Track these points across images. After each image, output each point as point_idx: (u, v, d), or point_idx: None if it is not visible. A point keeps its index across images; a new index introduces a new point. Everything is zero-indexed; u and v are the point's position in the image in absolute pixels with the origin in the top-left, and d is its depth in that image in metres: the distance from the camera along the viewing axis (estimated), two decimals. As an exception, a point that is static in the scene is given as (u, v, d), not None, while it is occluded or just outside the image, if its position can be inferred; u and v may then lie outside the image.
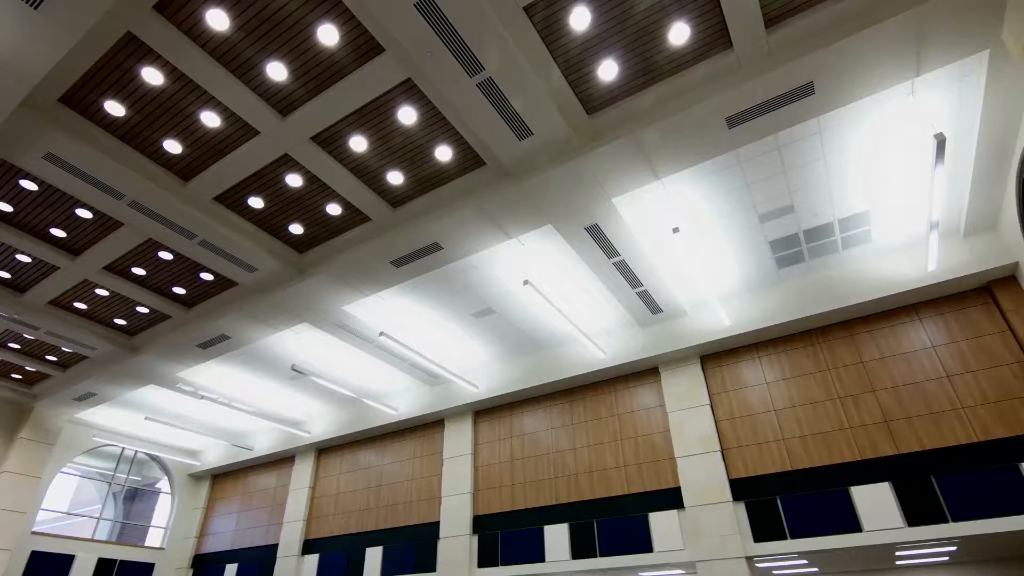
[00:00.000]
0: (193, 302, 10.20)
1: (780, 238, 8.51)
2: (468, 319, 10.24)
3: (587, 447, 10.68)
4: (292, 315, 9.84)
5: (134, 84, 6.29)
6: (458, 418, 12.55)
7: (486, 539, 11.01)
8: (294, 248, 8.93)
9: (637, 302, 9.55)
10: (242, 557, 14.81)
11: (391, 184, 7.70)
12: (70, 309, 10.44)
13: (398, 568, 11.88)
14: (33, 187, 7.62)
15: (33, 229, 8.49)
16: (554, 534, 10.24)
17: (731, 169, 7.29)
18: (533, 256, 8.59)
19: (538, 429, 11.46)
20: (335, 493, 13.99)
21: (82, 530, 15.89)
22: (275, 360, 11.62)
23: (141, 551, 15.55)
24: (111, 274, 9.38)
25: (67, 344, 11.24)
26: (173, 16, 5.64)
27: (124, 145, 7.05)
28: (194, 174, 7.51)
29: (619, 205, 7.56)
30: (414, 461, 13.01)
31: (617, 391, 10.82)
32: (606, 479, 10.20)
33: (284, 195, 7.84)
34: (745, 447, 9.12)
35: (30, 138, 6.67)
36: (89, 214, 8.07)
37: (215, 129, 6.85)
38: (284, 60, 6.05)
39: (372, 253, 8.35)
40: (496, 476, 11.55)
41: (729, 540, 8.52)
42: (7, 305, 9.95)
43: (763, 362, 9.60)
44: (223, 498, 16.55)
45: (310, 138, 6.94)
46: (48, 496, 14.38)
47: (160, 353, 11.04)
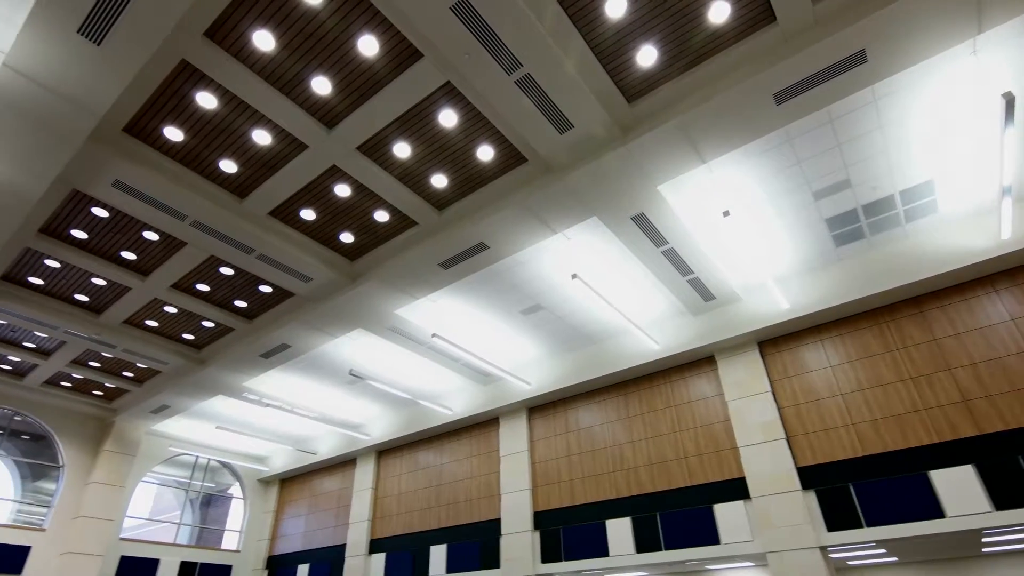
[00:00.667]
0: (254, 314, 10.65)
1: (837, 215, 8.16)
2: (517, 316, 10.28)
3: (645, 439, 10.54)
4: (347, 322, 10.13)
5: (190, 109, 6.61)
6: (512, 415, 12.62)
7: (548, 535, 11.03)
8: (346, 256, 9.18)
9: (688, 290, 9.36)
10: (313, 557, 15.36)
11: (435, 187, 7.82)
12: (143, 327, 11.08)
13: (463, 565, 12.05)
14: (104, 214, 8.13)
15: (106, 253, 9.05)
16: (616, 528, 10.16)
17: (781, 147, 7.04)
18: (580, 250, 8.55)
19: (593, 423, 11.39)
20: (397, 493, 14.32)
21: (163, 535, 16.85)
22: (333, 366, 11.99)
23: (219, 554, 16.35)
24: (178, 291, 9.90)
25: (141, 360, 11.94)
26: (223, 40, 5.89)
27: (184, 168, 7.43)
28: (249, 191, 7.83)
29: (665, 192, 7.43)
30: (472, 459, 13.17)
31: (672, 382, 10.64)
32: (667, 471, 10.04)
33: (334, 205, 8.07)
34: (812, 434, 8.80)
35: (99, 168, 7.11)
36: (156, 236, 8.54)
37: (266, 146, 7.12)
38: (328, 74, 6.24)
39: (420, 257, 8.50)
40: (554, 472, 11.55)
41: (801, 530, 8.24)
42: (87, 326, 10.65)
43: (826, 345, 9.23)
44: (291, 501, 17.20)
45: (356, 148, 7.13)
46: (131, 504, 15.30)
47: (226, 364, 11.56)
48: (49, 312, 10.18)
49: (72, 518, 13.79)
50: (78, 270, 9.32)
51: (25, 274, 9.51)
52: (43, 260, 9.10)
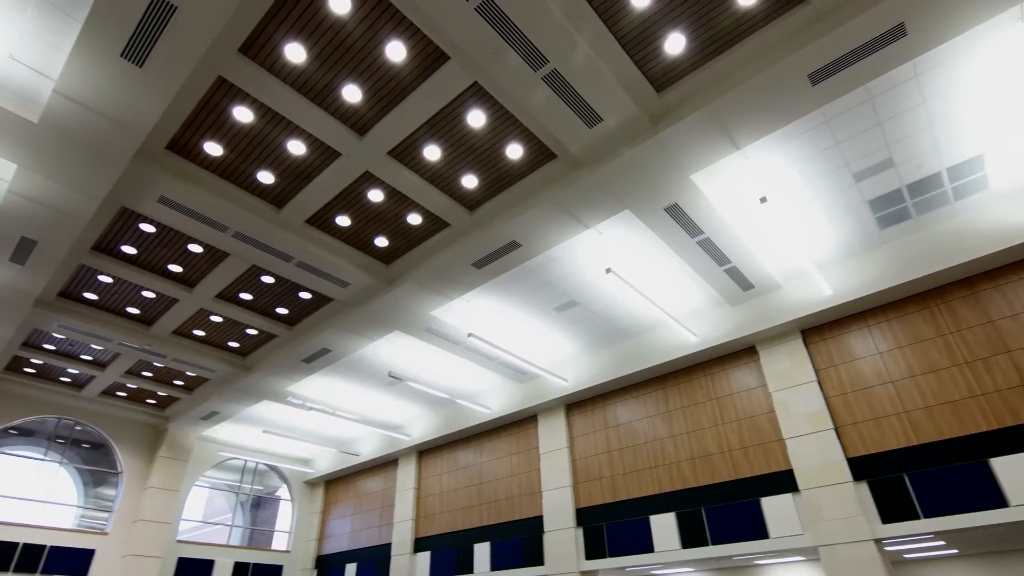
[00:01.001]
0: (295, 320, 10.93)
1: (880, 196, 7.88)
2: (552, 314, 10.26)
3: (686, 434, 10.40)
4: (384, 324, 10.29)
5: (228, 124, 6.83)
6: (550, 413, 12.61)
7: (591, 531, 10.99)
8: (381, 260, 9.34)
9: (726, 280, 9.18)
10: (360, 557, 15.68)
11: (466, 188, 7.88)
12: (191, 336, 11.50)
13: (507, 563, 12.12)
14: (151, 229, 8.46)
15: (154, 267, 9.42)
16: (661, 524, 10.05)
17: (818, 129, 6.84)
18: (613, 244, 8.48)
19: (633, 418, 11.29)
20: (439, 492, 14.49)
21: (217, 537, 17.47)
22: (373, 368, 12.20)
23: (270, 554, 16.85)
24: (223, 301, 10.24)
25: (191, 368, 12.39)
26: (256, 55, 6.07)
27: (224, 181, 7.67)
28: (286, 201, 8.04)
29: (698, 181, 7.31)
30: (511, 457, 13.22)
31: (712, 374, 10.45)
32: (710, 465, 9.88)
33: (368, 211, 8.22)
34: (862, 423, 8.52)
35: (145, 185, 7.41)
36: (200, 248, 8.85)
37: (301, 156, 7.30)
38: (358, 82, 6.35)
39: (453, 257, 8.57)
40: (595, 468, 11.50)
41: (853, 523, 8.00)
42: (139, 338, 11.11)
43: (873, 331, 8.93)
44: (337, 502, 17.59)
45: (387, 153, 7.24)
46: (186, 507, 15.90)
47: (270, 370, 11.90)
48: (104, 325, 10.67)
49: (132, 522, 14.42)
50: (129, 284, 9.73)
51: (81, 290, 9.98)
52: (96, 276, 9.54)
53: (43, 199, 7.27)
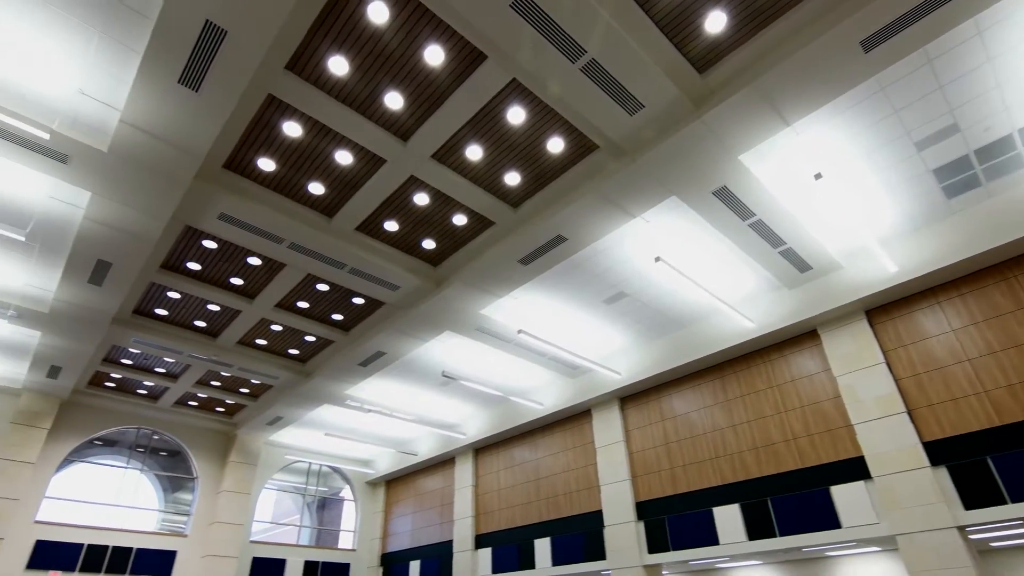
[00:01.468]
0: (350, 326, 11.25)
1: (946, 164, 7.44)
2: (601, 306, 10.18)
3: (747, 423, 10.12)
4: (435, 325, 10.47)
5: (279, 139, 7.10)
6: (604, 406, 12.52)
7: (653, 524, 10.86)
8: (429, 263, 9.50)
9: (781, 262, 8.87)
10: (423, 554, 16.01)
11: (509, 185, 7.91)
12: (254, 346, 12.02)
13: (568, 558, 12.12)
14: (213, 245, 8.90)
15: (217, 281, 9.90)
16: (725, 515, 9.83)
17: (873, 98, 6.52)
18: (661, 232, 8.34)
19: (690, 409, 11.07)
20: (497, 489, 14.62)
21: (286, 537, 18.19)
22: (426, 369, 12.43)
23: (337, 553, 17.43)
24: (282, 310, 10.65)
25: (255, 376, 12.96)
26: (302, 71, 6.28)
27: (277, 195, 7.98)
28: (336, 210, 8.29)
29: (748, 162, 7.09)
30: (567, 453, 13.20)
31: (772, 360, 10.13)
32: (775, 454, 9.58)
33: (414, 214, 8.38)
34: (937, 405, 8.08)
35: (206, 204, 7.80)
36: (258, 261, 9.23)
37: (349, 165, 7.51)
38: (399, 88, 6.48)
39: (500, 255, 8.63)
40: (653, 461, 11.35)
41: (933, 510, 7.59)
42: (206, 349, 11.70)
43: (945, 308, 8.44)
44: (398, 501, 18.02)
45: (431, 156, 7.36)
46: (257, 509, 16.63)
47: (329, 375, 12.30)
48: (174, 339, 11.29)
49: (209, 524, 15.21)
50: (195, 299, 10.26)
51: (152, 307, 10.60)
52: (166, 292, 10.10)
53: (115, 223, 7.76)
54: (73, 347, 10.96)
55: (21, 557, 12.41)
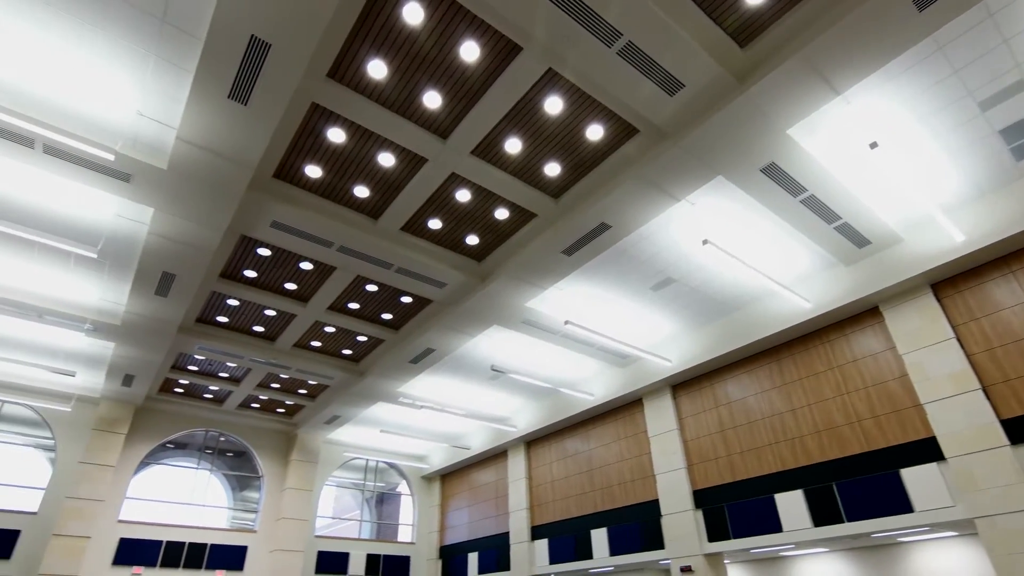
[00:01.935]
0: (399, 324, 11.50)
1: (1014, 123, 6.96)
2: (648, 294, 10.05)
3: (807, 406, 9.80)
4: (482, 320, 10.57)
5: (324, 146, 7.31)
6: (656, 395, 12.36)
7: (712, 512, 10.67)
8: (473, 258, 9.59)
9: (837, 238, 8.53)
10: (480, 546, 16.25)
11: (549, 176, 7.89)
12: (309, 348, 12.44)
13: (626, 547, 12.06)
14: (267, 252, 9.24)
15: (272, 287, 10.28)
16: (788, 502, 9.56)
17: (930, 59, 6.17)
18: (707, 214, 8.15)
19: (745, 395, 10.80)
20: (550, 481, 14.68)
21: (348, 532, 18.78)
22: (475, 364, 12.57)
23: (397, 546, 17.89)
24: (334, 312, 10.98)
25: (312, 377, 13.41)
26: (343, 78, 6.44)
27: (325, 200, 8.22)
28: (382, 211, 8.48)
29: (796, 135, 6.84)
30: (620, 443, 13.11)
31: (831, 341, 9.76)
32: (838, 437, 9.25)
33: (457, 211, 8.47)
34: (1016, 380, 7.60)
35: (259, 213, 8.11)
36: (310, 265, 9.54)
37: (391, 167, 7.66)
38: (437, 87, 6.56)
39: (543, 247, 8.62)
40: (709, 448, 11.14)
41: (1015, 491, 7.17)
42: (265, 353, 12.19)
43: (1019, 277, 7.92)
44: (453, 495, 18.34)
45: (470, 153, 7.42)
46: (319, 505, 17.24)
47: (381, 373, 12.61)
48: (236, 344, 11.81)
49: (275, 520, 15.87)
50: (253, 305, 10.70)
51: (214, 314, 11.11)
52: (226, 300, 10.57)
53: (177, 236, 8.16)
54: (144, 356, 11.62)
55: (107, 554, 13.28)
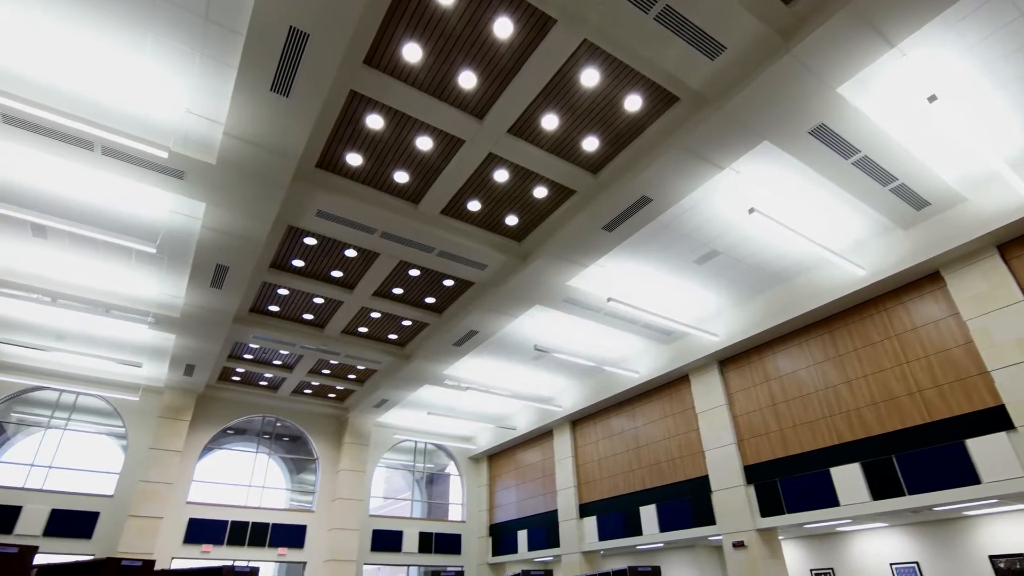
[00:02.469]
0: (442, 308, 11.66)
1: (1092, 66, 6.45)
2: (692, 267, 9.85)
3: (863, 377, 9.47)
4: (524, 300, 10.60)
5: (364, 133, 7.41)
6: (703, 371, 12.18)
7: (764, 488, 10.50)
8: (513, 239, 9.60)
9: (893, 201, 8.14)
10: (529, 523, 16.50)
11: (588, 151, 7.79)
12: (356, 334, 12.77)
13: (676, 523, 12.02)
14: (313, 242, 9.49)
15: (320, 275, 10.57)
16: (844, 475, 9.31)
17: (992, 2, 5.75)
18: (753, 181, 7.90)
19: (797, 368, 10.52)
20: (597, 459, 14.72)
21: (400, 512, 19.35)
22: (518, 344, 12.65)
23: (448, 524, 18.36)
24: (379, 298, 11.22)
25: (360, 362, 13.78)
26: (379, 63, 6.50)
27: (366, 187, 8.36)
28: (421, 196, 8.57)
29: (847, 94, 6.52)
30: (666, 420, 13.01)
31: (888, 309, 9.37)
32: (897, 408, 8.92)
33: (496, 192, 8.48)
34: (1095, 343, 7.15)
35: (304, 203, 8.32)
36: (354, 252, 9.75)
37: (430, 151, 7.72)
38: (471, 67, 6.54)
39: (583, 224, 8.55)
40: (760, 423, 10.93)
41: (1096, 459, 6.78)
42: (315, 340, 12.58)
43: (1098, 233, 7.40)
44: (501, 475, 18.63)
45: (507, 132, 7.39)
46: (373, 486, 17.81)
47: (427, 356, 12.84)
48: (287, 332, 12.23)
49: (331, 500, 16.49)
50: (302, 293, 11.04)
51: (266, 304, 11.52)
52: (276, 290, 10.94)
53: (228, 229, 8.47)
54: (203, 346, 12.17)
55: (178, 533, 14.12)
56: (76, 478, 13.62)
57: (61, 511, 12.85)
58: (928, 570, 11.87)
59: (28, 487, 12.93)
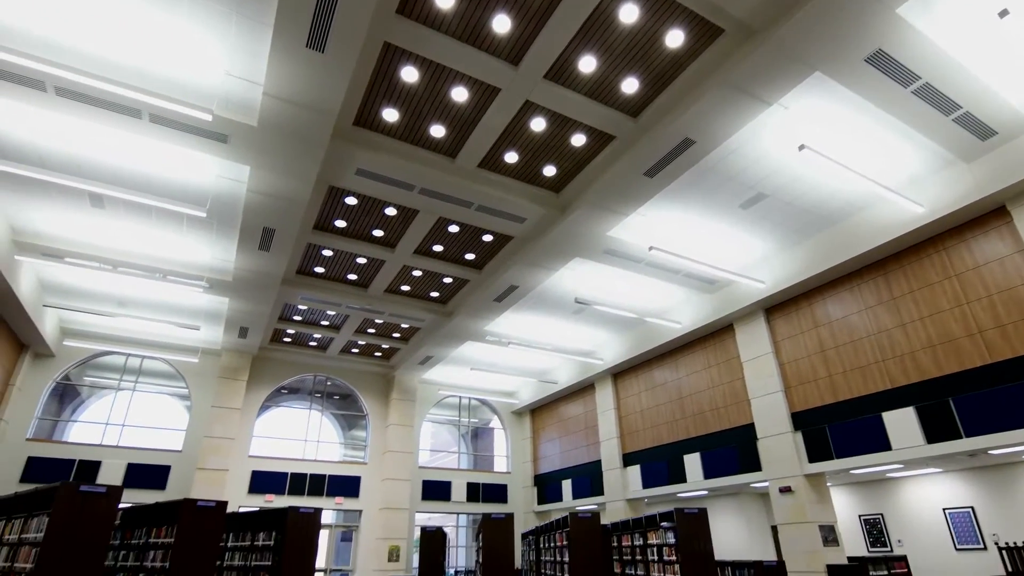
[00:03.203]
0: (482, 264, 11.74)
1: None
2: (737, 212, 9.57)
3: (919, 320, 9.14)
4: (563, 253, 10.55)
5: (399, 87, 7.36)
6: (748, 319, 11.99)
7: (812, 434, 10.41)
8: (552, 190, 9.50)
9: (956, 131, 7.64)
10: (573, 473, 16.90)
11: (627, 94, 7.55)
12: (399, 292, 13.03)
13: (720, 470, 12.10)
14: (354, 201, 9.62)
15: (361, 235, 10.75)
16: (897, 420, 9.13)
17: (1083, -102, 5.19)
18: (802, 117, 7.53)
19: (848, 313, 10.23)
20: (639, 410, 14.83)
21: (447, 465, 20.06)
22: (558, 298, 12.68)
23: (494, 475, 18.98)
24: (420, 256, 11.37)
25: (404, 321, 14.10)
26: (412, 12, 6.39)
27: (403, 143, 8.37)
28: (458, 149, 8.52)
29: (908, 14, 6.07)
30: (710, 370, 12.94)
31: (947, 248, 8.94)
32: (955, 351, 8.62)
33: (533, 142, 8.35)
34: None
35: (343, 162, 8.40)
36: (394, 211, 9.85)
37: (465, 102, 7.62)
38: (505, 10, 6.36)
39: (624, 171, 8.37)
40: (808, 370, 10.76)
41: None
42: (360, 300, 12.91)
43: None
44: (544, 428, 19.02)
45: (543, 77, 7.21)
46: (420, 440, 18.48)
47: (468, 313, 13.03)
48: (333, 293, 12.58)
49: (383, 453, 17.22)
50: (345, 254, 11.28)
51: (312, 266, 11.84)
52: (321, 251, 11.20)
53: (272, 191, 8.65)
54: (254, 309, 12.65)
55: (243, 484, 15.06)
56: (147, 435, 14.61)
57: (136, 465, 13.86)
58: (983, 515, 11.68)
59: (105, 444, 13.95)
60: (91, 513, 4.83)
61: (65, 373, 14.21)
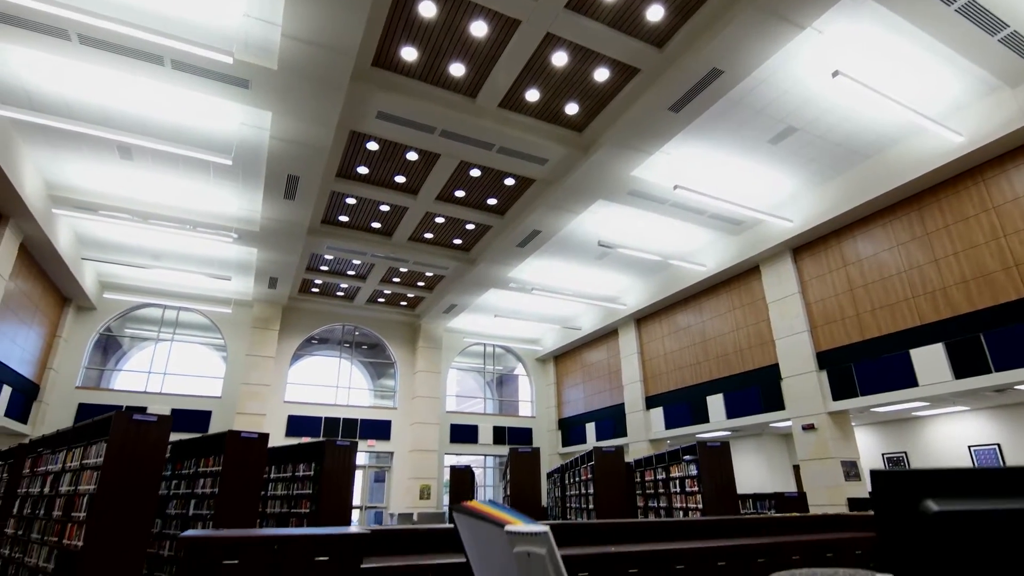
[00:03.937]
0: (504, 209, 11.71)
1: None
2: (765, 148, 9.31)
3: (952, 255, 8.93)
4: (586, 195, 10.45)
5: (417, 23, 7.21)
6: (774, 260, 11.84)
7: (837, 372, 10.42)
8: (574, 129, 9.34)
9: (1001, 53, 7.23)
10: (597, 416, 17.27)
11: (652, 22, 7.28)
12: (423, 240, 13.14)
13: (744, 410, 12.25)
14: (375, 146, 9.60)
15: (384, 182, 10.78)
16: (925, 356, 9.07)
17: None
18: (836, 42, 7.19)
19: (878, 250, 10.02)
20: (663, 354, 14.95)
21: (474, 409, 20.62)
22: (582, 243, 12.65)
23: (519, 419, 19.51)
24: (442, 202, 11.39)
25: (428, 269, 14.27)
26: (428, -60, 6.18)
27: (422, 83, 8.26)
28: (478, 89, 8.38)
29: (957, -78, 5.68)
30: (735, 312, 12.91)
31: (986, 179, 8.62)
32: (989, 285, 8.43)
33: (554, 77, 8.16)
34: None
35: (363, 105, 8.35)
36: (415, 155, 9.82)
37: (484, 37, 7.44)
38: (525, -66, 6.12)
39: (648, 106, 8.16)
40: (835, 310, 10.66)
41: None
42: (384, 248, 13.06)
43: None
44: (567, 374, 19.34)
45: (564, 6, 6.98)
46: (447, 386, 18.99)
47: (491, 260, 13.11)
48: (358, 242, 12.75)
49: (411, 399, 17.78)
50: (369, 201, 11.35)
51: (336, 215, 11.96)
52: (344, 199, 11.29)
53: (294, 137, 8.68)
54: (283, 259, 12.92)
55: (280, 427, 15.77)
56: (188, 383, 15.30)
57: (180, 410, 14.57)
58: (1010, 452, 11.68)
59: (149, 391, 14.67)
60: (144, 438, 5.17)
61: (107, 325, 14.83)
